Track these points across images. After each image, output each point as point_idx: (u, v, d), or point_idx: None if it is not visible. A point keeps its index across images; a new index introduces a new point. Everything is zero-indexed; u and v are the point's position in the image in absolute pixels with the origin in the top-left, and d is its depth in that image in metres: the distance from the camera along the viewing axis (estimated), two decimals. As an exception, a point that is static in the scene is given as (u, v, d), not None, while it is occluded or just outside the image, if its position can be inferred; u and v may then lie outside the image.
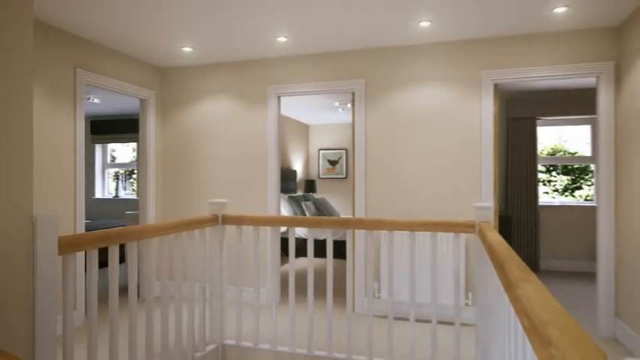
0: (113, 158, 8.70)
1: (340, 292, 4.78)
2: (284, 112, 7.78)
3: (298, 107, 7.26)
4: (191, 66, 4.64)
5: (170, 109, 4.72)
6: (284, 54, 4.29)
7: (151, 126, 4.53)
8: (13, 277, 1.56)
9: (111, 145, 8.70)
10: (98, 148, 8.53)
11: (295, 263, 6.36)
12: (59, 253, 1.87)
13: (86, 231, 6.10)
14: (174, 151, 4.71)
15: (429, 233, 3.75)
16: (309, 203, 7.31)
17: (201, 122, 4.61)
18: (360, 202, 4.08)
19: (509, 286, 1.13)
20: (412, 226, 2.70)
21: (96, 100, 6.12)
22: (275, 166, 4.32)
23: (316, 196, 9.42)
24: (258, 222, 3.05)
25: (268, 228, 4.20)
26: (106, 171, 8.69)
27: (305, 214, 7.28)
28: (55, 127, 3.47)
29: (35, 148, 3.29)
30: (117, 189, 8.54)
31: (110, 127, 8.22)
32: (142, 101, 4.52)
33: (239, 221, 3.10)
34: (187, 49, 4.06)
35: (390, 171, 4.05)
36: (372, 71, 4.10)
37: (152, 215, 4.54)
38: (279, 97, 4.38)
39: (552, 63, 3.62)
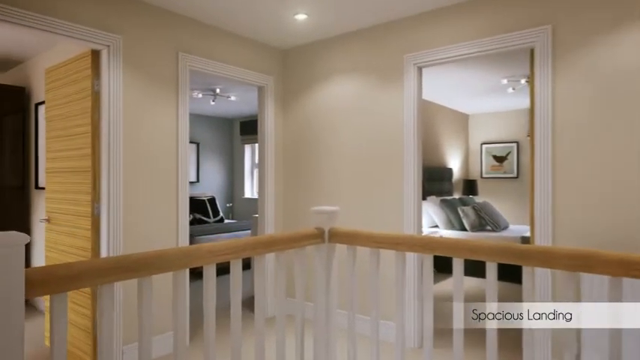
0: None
1: (511, 343, 3.39)
2: (435, 99, 6.52)
3: (454, 92, 5.93)
4: (311, 43, 3.88)
5: (291, 96, 4.05)
6: (424, 9, 3.16)
7: (269, 117, 3.92)
8: None
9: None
10: (247, 148, 8.63)
11: (443, 282, 5.06)
12: (30, 295, 1.20)
13: (197, 236, 5.94)
14: (295, 145, 4.01)
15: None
16: (467, 209, 5.91)
17: (323, 110, 3.81)
18: (543, 212, 2.69)
19: None
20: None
21: (232, 98, 5.93)
22: (414, 160, 3.22)
23: (477, 199, 7.83)
24: (377, 242, 2.04)
25: (393, 253, 3.02)
26: (255, 171, 8.75)
27: (462, 222, 5.90)
28: (159, 121, 3.07)
29: (131, 144, 2.92)
30: (263, 189, 8.51)
31: (256, 127, 8.18)
32: (260, 89, 3.94)
33: (351, 239, 2.15)
34: (302, 17, 3.28)
35: (598, 168, 2.55)
36: (563, 11, 2.66)
37: (271, 219, 3.93)
38: (419, 69, 3.26)
39: None
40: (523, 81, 5.05)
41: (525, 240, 5.24)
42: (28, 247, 4.35)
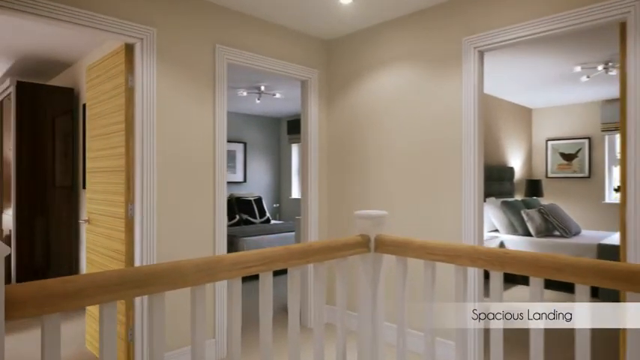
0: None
1: (590, 366, 2.90)
2: (495, 92, 5.98)
3: (516, 84, 5.38)
4: (357, 32, 3.58)
5: (336, 91, 3.77)
6: (489, -15, 2.76)
7: (312, 113, 3.67)
8: None
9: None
10: (295, 147, 8.47)
11: (508, 292, 4.50)
12: (13, 316, 1.02)
13: (242, 237, 5.77)
14: (340, 142, 3.73)
15: None
16: (532, 212, 5.34)
17: (371, 104, 3.49)
18: (637, 219, 2.22)
19: None
20: None
21: (277, 95, 5.75)
22: (474, 157, 2.84)
23: (543, 201, 7.15)
24: (432, 253, 1.73)
25: (451, 266, 2.45)
26: (303, 171, 8.57)
27: (527, 227, 5.34)
28: (195, 118, 2.91)
29: (165, 142, 2.77)
30: (310, 189, 8.30)
31: (303, 126, 8.00)
32: (303, 84, 3.70)
33: (401, 248, 1.84)
34: (347, 1, 2.99)
35: None
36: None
37: (314, 222, 3.67)
38: (480, 54, 2.87)
39: None
40: (600, 67, 4.45)
41: (604, 248, 4.62)
42: (77, 249, 4.40)
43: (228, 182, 7.71)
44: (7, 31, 3.51)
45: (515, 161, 6.94)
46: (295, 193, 8.46)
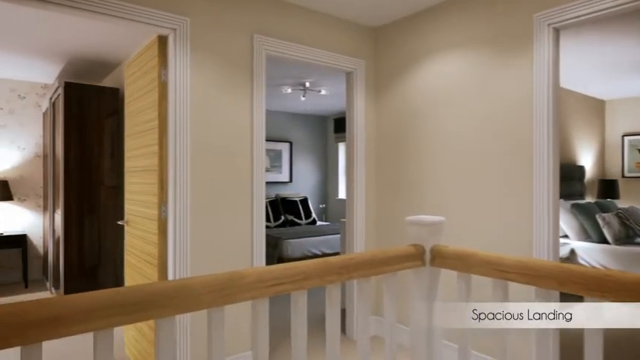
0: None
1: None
2: (562, 82, 5.37)
3: (587, 73, 4.78)
4: (408, 16, 3.23)
5: (385, 83, 3.45)
6: (566, -50, 2.34)
7: (358, 107, 3.38)
8: None
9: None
10: (341, 146, 8.20)
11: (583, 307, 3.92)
12: (-23, 349, 0.82)
13: (287, 239, 5.50)
14: (390, 138, 3.41)
15: None
16: (609, 216, 4.72)
17: (424, 97, 3.14)
18: None
19: None
20: None
21: (323, 92, 5.50)
22: (549, 155, 2.42)
23: (620, 203, 6.39)
24: (503, 270, 1.40)
25: (532, 289, 1.96)
26: (350, 171, 8.28)
27: (602, 233, 4.73)
28: (231, 114, 2.72)
29: (199, 140, 2.60)
30: (358, 190, 7.99)
31: (350, 124, 7.70)
32: (348, 75, 3.41)
33: (463, 263, 1.52)
34: (396, -20, 2.67)
35: None
36: None
37: (360, 226, 3.38)
38: (555, 32, 2.45)
39: None
40: (697, 48, 3.79)
41: (699, 260, 3.96)
42: (122, 250, 4.39)
43: (274, 182, 7.57)
44: (56, 33, 3.52)
45: (586, 159, 6.25)
46: (342, 193, 8.19)
